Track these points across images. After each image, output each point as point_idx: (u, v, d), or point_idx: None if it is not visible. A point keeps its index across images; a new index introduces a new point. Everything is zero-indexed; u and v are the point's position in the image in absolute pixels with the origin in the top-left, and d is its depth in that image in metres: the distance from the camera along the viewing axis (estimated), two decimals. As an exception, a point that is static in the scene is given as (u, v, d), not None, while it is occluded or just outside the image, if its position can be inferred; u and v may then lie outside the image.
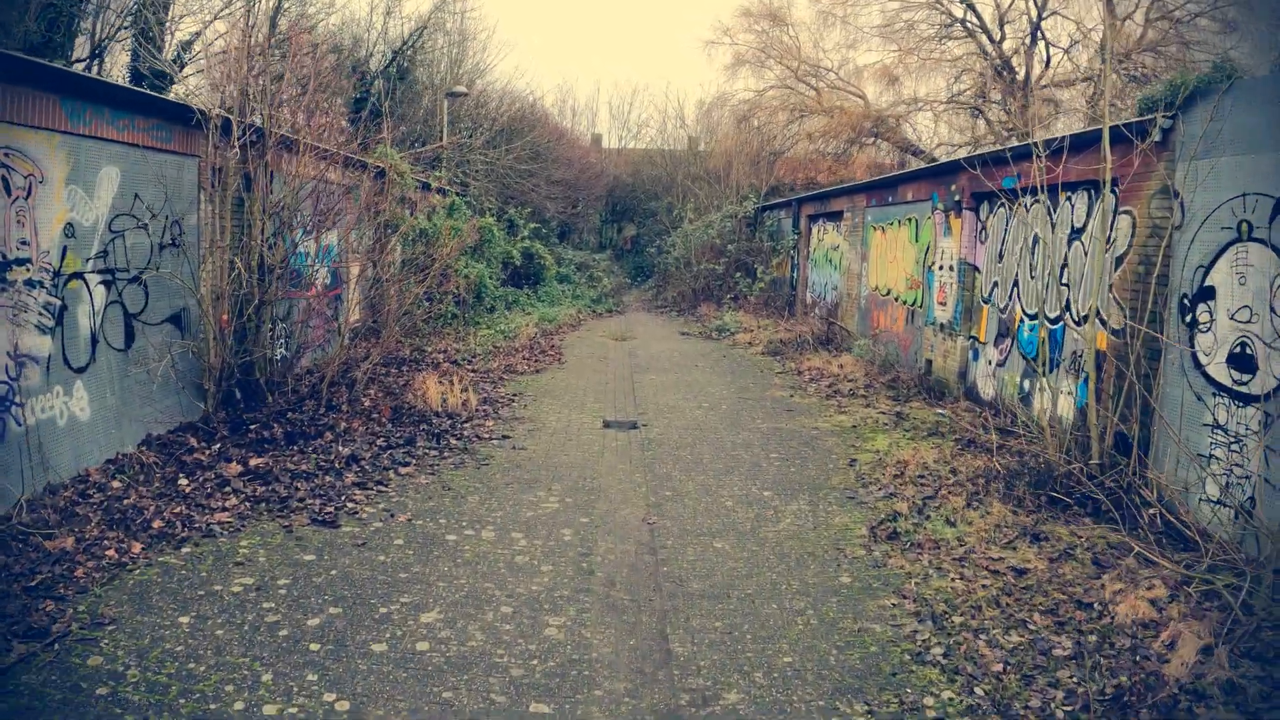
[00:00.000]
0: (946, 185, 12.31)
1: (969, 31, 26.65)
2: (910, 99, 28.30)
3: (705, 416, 10.71)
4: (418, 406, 10.49)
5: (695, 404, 11.47)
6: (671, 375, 13.72)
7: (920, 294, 13.22)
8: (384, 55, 29.35)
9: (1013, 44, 26.55)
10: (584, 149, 36.88)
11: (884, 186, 14.77)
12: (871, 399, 11.83)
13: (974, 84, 27.08)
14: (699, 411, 10.97)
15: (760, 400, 11.79)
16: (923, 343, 13.00)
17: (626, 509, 7.19)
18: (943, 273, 12.40)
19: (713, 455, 8.89)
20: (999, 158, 10.67)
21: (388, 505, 7.20)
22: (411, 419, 10.06)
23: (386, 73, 28.63)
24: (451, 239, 17.45)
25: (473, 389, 11.26)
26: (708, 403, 11.55)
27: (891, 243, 14.48)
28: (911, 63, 27.27)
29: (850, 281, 16.48)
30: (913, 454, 8.90)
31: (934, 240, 12.70)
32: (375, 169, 15.50)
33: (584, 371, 13.91)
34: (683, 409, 11.15)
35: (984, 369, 11.41)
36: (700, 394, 12.18)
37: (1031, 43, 26.04)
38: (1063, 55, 25.93)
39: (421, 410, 10.38)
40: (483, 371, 13.26)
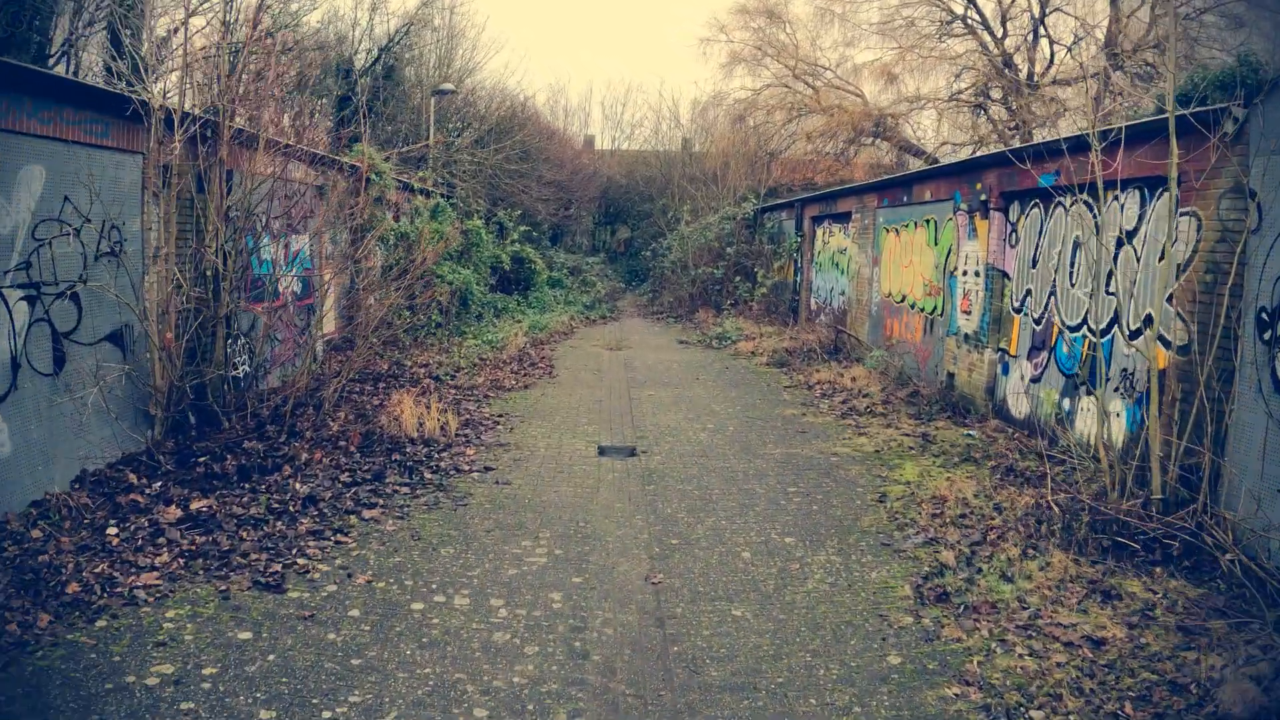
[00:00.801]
0: (971, 183, 11.31)
1: (969, 28, 25.77)
2: (913, 96, 27.39)
3: (711, 440, 9.67)
4: (391, 431, 9.43)
5: (699, 425, 10.43)
6: (671, 390, 12.67)
7: (941, 301, 12.21)
8: (370, 53, 28.32)
9: (1014, 41, 25.71)
10: (576, 150, 35.84)
11: (898, 185, 13.76)
12: (891, 417, 10.80)
13: (974, 82, 26.20)
14: (704, 434, 9.92)
15: (770, 420, 10.75)
16: (944, 354, 11.99)
17: (626, 563, 6.14)
18: (967, 279, 11.39)
19: (723, 490, 7.85)
20: (1035, 152, 9.67)
21: (345, 561, 6.14)
22: (383, 447, 9.00)
23: (371, 71, 27.60)
24: (435, 243, 16.40)
25: (453, 411, 10.20)
26: (712, 423, 10.51)
27: (906, 246, 13.47)
28: (911, 61, 26.42)
29: (860, 287, 15.47)
30: (948, 486, 7.88)
31: (956, 243, 11.69)
32: (351, 168, 14.44)
33: (576, 386, 12.86)
34: (685, 431, 10.11)
35: (1016, 385, 10.40)
36: (703, 413, 11.14)
37: (1034, 40, 25.21)
38: (1065, 53, 25.11)
39: (395, 436, 9.32)
40: (466, 388, 12.20)
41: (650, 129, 42.41)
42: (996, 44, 25.38)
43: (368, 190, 14.69)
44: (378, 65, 28.10)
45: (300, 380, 11.21)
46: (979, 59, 25.59)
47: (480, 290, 17.57)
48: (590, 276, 26.88)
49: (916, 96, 27.22)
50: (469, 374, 12.97)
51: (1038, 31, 25.08)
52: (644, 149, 37.34)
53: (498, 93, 26.91)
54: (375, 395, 11.50)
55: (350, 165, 14.28)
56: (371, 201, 14.65)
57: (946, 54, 26.19)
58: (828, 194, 17.86)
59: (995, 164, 10.68)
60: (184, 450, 8.55)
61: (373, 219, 14.83)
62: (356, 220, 14.58)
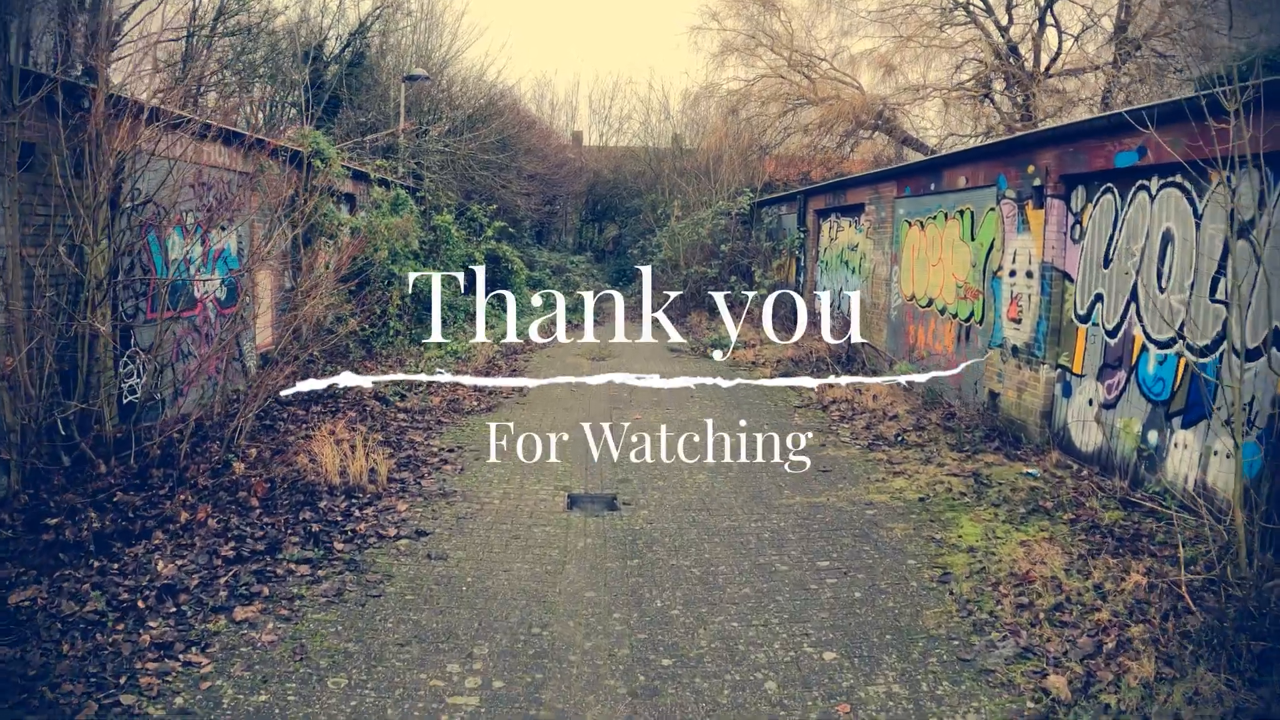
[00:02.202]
0: (1020, 166, 9.41)
1: (972, 17, 24.03)
2: (918, 84, 25.61)
3: (712, 484, 7.73)
4: (308, 477, 7.46)
5: (693, 459, 8.48)
6: (661, 411, 10.72)
7: (979, 307, 10.32)
8: (340, 39, 26.36)
9: (1020, 30, 24.02)
10: (561, 143, 33.84)
11: (924, 171, 11.85)
12: (929, 449, 8.90)
13: (976, 73, 24.52)
14: (703, 475, 7.97)
15: (782, 453, 8.81)
16: (985, 370, 10.10)
17: (599, 705, 4.19)
18: (1016, 280, 9.49)
19: (732, 565, 5.91)
20: (1109, 125, 7.80)
21: (189, 700, 4.18)
22: (293, 499, 7.04)
23: (340, 57, 25.59)
24: (394, 240, 14.43)
25: (391, 447, 8.25)
26: (713, 457, 8.56)
27: (934, 241, 11.57)
28: (912, 50, 24.69)
29: (875, 288, 13.56)
30: (1026, 555, 5.98)
31: (1001, 238, 9.79)
32: (291, 154, 12.46)
33: (550, 407, 10.89)
34: (680, 470, 8.16)
35: (1081, 410, 8.51)
36: (702, 442, 9.19)
37: (1040, 28, 23.50)
38: (1073, 43, 23.45)
39: (311, 483, 7.36)
40: (417, 411, 10.23)
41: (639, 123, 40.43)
42: (1001, 33, 23.72)
43: (311, 178, 12.72)
44: (348, 51, 26.14)
45: (213, 407, 9.27)
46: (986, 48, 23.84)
47: (447, 292, 15.58)
48: (574, 276, 24.91)
49: (922, 84, 25.45)
50: (423, 393, 11.00)
51: (1044, 19, 23.42)
52: (633, 144, 35.36)
53: (474, 79, 24.90)
54: (304, 423, 9.53)
55: (289, 150, 12.30)
56: (317, 192, 12.67)
57: (948, 43, 24.48)
58: (836, 184, 15.95)
59: (1054, 141, 8.79)
60: (35, 508, 6.60)
61: (319, 212, 12.86)
62: (296, 213, 12.62)
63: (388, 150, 20.65)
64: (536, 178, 26.32)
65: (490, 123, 21.71)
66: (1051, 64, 23.61)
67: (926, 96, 25.61)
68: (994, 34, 23.85)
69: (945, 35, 24.52)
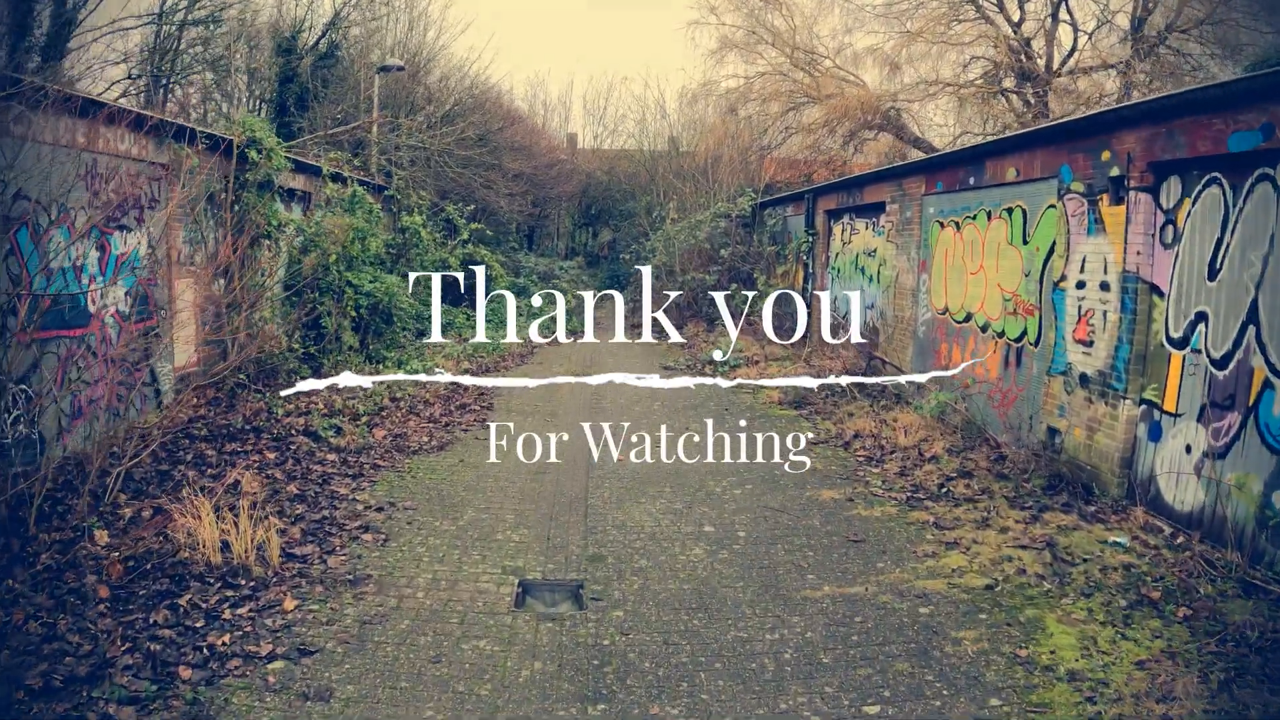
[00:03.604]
0: (1092, 152, 7.64)
1: (981, 12, 22.42)
2: (930, 79, 23.94)
3: (711, 564, 5.92)
4: (181, 552, 5.68)
5: (690, 525, 6.68)
6: (651, 455, 8.91)
7: (1035, 324, 8.54)
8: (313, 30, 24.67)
9: (1031, 26, 22.46)
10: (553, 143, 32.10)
11: (960, 163, 10.07)
12: (982, 503, 7.11)
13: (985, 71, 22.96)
14: (699, 549, 6.15)
15: (801, 512, 7.00)
16: (1042, 400, 8.32)
17: None
18: (1085, 293, 7.72)
19: (740, 717, 4.10)
20: (1226, 96, 6.06)
21: None
22: (157, 585, 5.26)
23: (315, 48, 23.88)
24: (350, 242, 12.64)
25: (283, 519, 6.44)
26: (712, 521, 6.76)
27: (974, 245, 9.79)
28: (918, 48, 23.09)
29: (899, 300, 11.79)
30: (1150, 686, 4.21)
31: (1065, 241, 8.02)
32: (220, 143, 10.69)
33: (514, 444, 9.08)
34: (669, 541, 6.36)
35: (1174, 458, 6.74)
36: (697, 495, 7.39)
37: (1053, 23, 21.90)
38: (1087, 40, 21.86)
39: (185, 561, 5.58)
40: (353, 451, 8.44)
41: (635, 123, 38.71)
42: (1013, 28, 22.16)
43: (245, 171, 10.95)
44: (323, 42, 24.44)
45: (102, 444, 7.49)
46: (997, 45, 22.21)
47: (409, 302, 13.79)
48: (562, 283, 23.11)
49: (932, 80, 23.80)
50: (364, 427, 9.20)
51: (1057, 15, 21.84)
52: (628, 146, 33.63)
53: (456, 73, 23.13)
54: (208, 467, 7.74)
55: (222, 139, 10.53)
56: (249, 186, 10.90)
57: (957, 40, 22.90)
58: (851, 180, 14.18)
59: (1141, 120, 7.02)
60: None
61: (255, 210, 11.08)
62: (225, 211, 10.85)
63: (359, 146, 18.90)
64: (523, 177, 24.55)
65: (469, 116, 19.91)
66: (1065, 61, 22.11)
67: (935, 94, 23.99)
68: (1005, 30, 22.36)
69: (953, 32, 22.97)
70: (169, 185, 10.02)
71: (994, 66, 22.74)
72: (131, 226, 9.48)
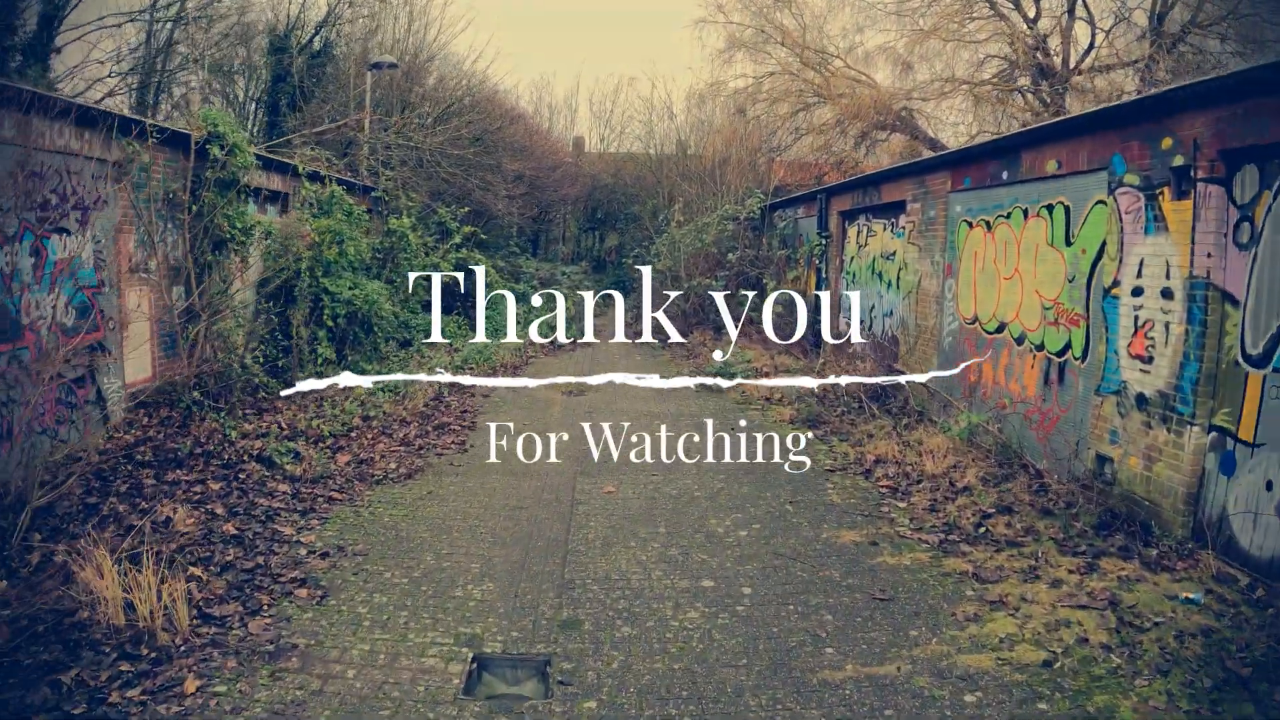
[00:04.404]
0: (1150, 139, 6.63)
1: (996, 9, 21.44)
2: (942, 76, 22.98)
3: (709, 630, 4.92)
4: (81, 612, 4.74)
5: (686, 579, 5.67)
6: (644, 482, 7.91)
7: (1082, 336, 7.52)
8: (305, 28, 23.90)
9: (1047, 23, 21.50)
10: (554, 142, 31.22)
11: (992, 155, 9.06)
12: (1028, 547, 6.10)
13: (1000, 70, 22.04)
14: (695, 611, 5.14)
15: (816, 561, 5.98)
16: (1091, 424, 7.29)
17: None
18: (1143, 301, 6.70)
19: None
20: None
21: None
22: (47, 655, 4.32)
23: (308, 47, 23.10)
24: (325, 246, 11.74)
25: (194, 573, 5.49)
26: (712, 573, 5.76)
27: (1008, 247, 8.78)
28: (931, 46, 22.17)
29: (922, 307, 10.78)
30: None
31: (1117, 241, 7.00)
32: (179, 138, 9.81)
33: (490, 473, 8.11)
34: (660, 600, 5.36)
35: (1252, 495, 5.72)
36: (694, 540, 6.39)
37: (1070, 19, 20.92)
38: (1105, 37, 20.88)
39: (84, 623, 4.64)
40: (308, 481, 7.49)
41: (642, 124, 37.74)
42: (1028, 24, 21.22)
43: (205, 170, 10.06)
44: (316, 40, 23.65)
45: (32, 473, 6.67)
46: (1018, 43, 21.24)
47: (391, 309, 12.84)
48: (563, 289, 22.16)
49: (948, 77, 22.85)
50: (326, 451, 8.25)
51: (1073, 11, 20.87)
52: (635, 151, 32.73)
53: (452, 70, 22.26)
54: (139, 499, 6.81)
55: (174, 134, 9.64)
56: (208, 185, 10.01)
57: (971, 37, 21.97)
58: (867, 178, 13.17)
59: (1210, 100, 6.01)
60: None
61: (217, 212, 10.19)
62: (183, 213, 9.95)
63: (349, 146, 18.01)
64: (523, 179, 23.64)
65: (465, 115, 19.00)
66: (1084, 59, 21.14)
67: (949, 93, 23.04)
68: (1021, 26, 21.42)
69: (967, 29, 22.05)
70: (119, 185, 9.14)
71: (1009, 65, 21.90)
72: (73, 230, 8.58)
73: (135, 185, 9.38)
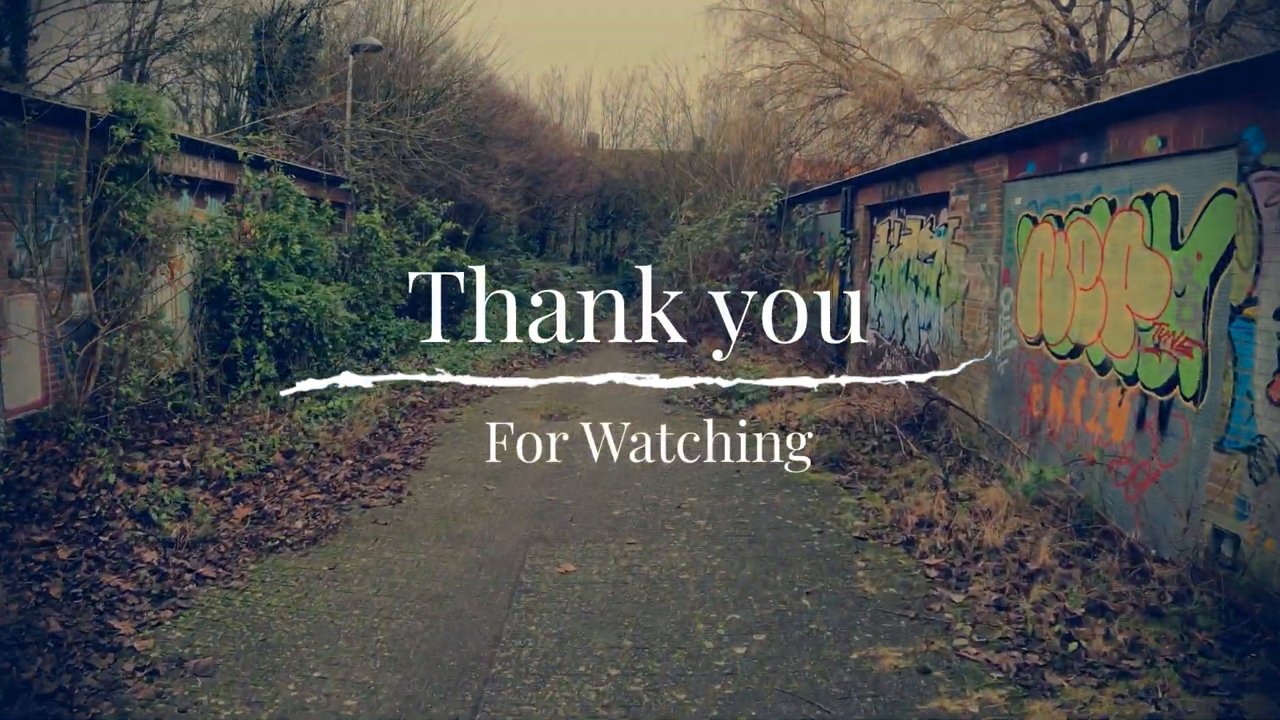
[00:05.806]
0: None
1: None
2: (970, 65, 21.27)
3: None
4: None
5: (683, 695, 3.92)
6: (620, 553, 6.10)
7: (1197, 368, 5.67)
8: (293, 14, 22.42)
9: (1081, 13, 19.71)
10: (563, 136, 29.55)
11: (1065, 133, 7.21)
12: (1140, 678, 4.31)
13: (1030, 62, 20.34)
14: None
15: (845, 704, 4.15)
16: (1206, 486, 5.45)
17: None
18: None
19: None
20: None
21: None
22: None
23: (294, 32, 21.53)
24: (267, 245, 10.10)
25: None
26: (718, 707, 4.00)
27: (1087, 248, 6.95)
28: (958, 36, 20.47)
29: (970, 321, 8.97)
30: None
31: (1250, 244, 5.16)
32: (80, 117, 8.18)
33: (421, 536, 6.36)
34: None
35: None
36: (670, 665, 4.58)
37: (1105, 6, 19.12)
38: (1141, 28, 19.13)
39: None
40: (187, 544, 5.80)
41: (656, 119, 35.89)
42: (1062, 13, 19.48)
43: (108, 154, 8.42)
44: (303, 24, 22.11)
45: None
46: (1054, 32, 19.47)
47: (347, 316, 11.14)
48: (563, 290, 20.45)
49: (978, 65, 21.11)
50: (227, 498, 6.57)
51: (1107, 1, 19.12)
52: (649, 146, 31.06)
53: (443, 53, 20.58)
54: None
55: (67, 111, 8.01)
56: (105, 172, 8.36)
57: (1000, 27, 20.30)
58: (900, 167, 11.36)
59: None
60: None
61: (125, 205, 8.55)
62: (78, 205, 8.31)
63: (327, 135, 16.39)
64: (523, 173, 21.98)
65: (450, 99, 17.31)
66: (1120, 50, 19.38)
67: (978, 83, 21.27)
68: (1053, 15, 19.65)
69: (995, 18, 20.27)
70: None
71: (1040, 56, 20.19)
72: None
73: (18, 173, 7.77)
